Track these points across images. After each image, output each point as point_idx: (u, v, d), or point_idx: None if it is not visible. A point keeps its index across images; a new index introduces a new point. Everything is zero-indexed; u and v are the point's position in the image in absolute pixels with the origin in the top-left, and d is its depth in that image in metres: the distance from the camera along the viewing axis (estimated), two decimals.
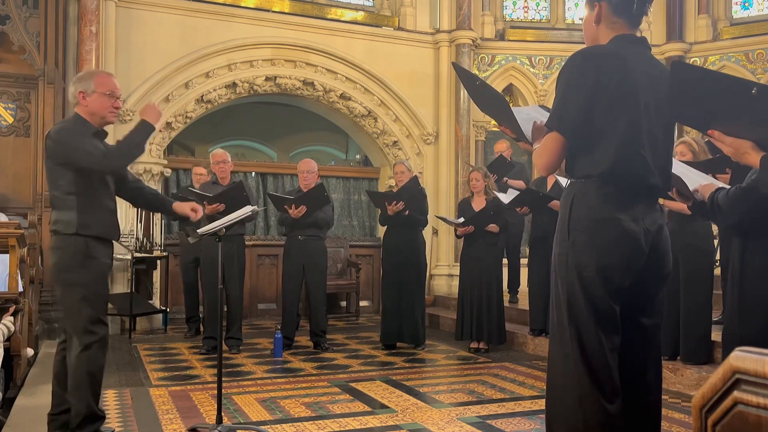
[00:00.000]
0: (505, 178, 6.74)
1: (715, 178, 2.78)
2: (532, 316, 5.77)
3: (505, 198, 5.58)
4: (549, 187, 5.62)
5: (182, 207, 3.42)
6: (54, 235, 3.12)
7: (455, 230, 6.04)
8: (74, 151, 3.04)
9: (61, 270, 3.08)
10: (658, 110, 2.05)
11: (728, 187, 2.39)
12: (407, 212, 5.76)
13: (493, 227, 5.68)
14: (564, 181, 4.37)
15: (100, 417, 3.11)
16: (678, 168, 2.26)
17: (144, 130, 3.18)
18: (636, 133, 2.02)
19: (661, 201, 2.20)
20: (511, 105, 2.40)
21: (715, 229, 4.66)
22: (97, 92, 3.12)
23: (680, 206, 3.91)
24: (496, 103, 2.38)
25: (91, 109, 3.13)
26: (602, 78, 2.00)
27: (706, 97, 1.81)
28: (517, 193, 5.63)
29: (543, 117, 2.30)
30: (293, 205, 5.63)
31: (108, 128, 6.18)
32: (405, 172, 5.94)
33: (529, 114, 2.33)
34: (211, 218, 4.98)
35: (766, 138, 1.85)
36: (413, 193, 5.76)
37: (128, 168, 3.41)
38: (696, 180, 2.50)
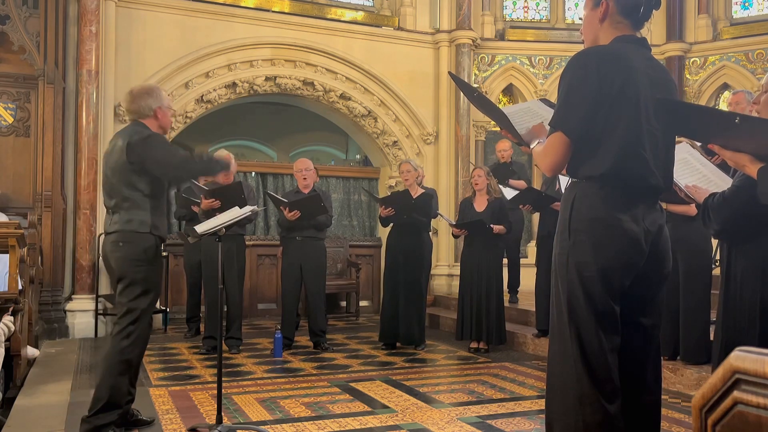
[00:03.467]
0: (508, 180, 6.75)
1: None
2: (539, 316, 5.69)
3: (509, 194, 5.57)
4: (557, 186, 5.60)
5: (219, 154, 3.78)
6: (121, 232, 3.28)
7: (453, 230, 6.05)
8: (164, 150, 3.28)
9: (130, 263, 3.25)
10: (657, 111, 2.05)
11: (722, 181, 2.42)
12: (405, 216, 5.80)
13: (500, 229, 5.68)
14: (564, 182, 4.36)
15: (118, 407, 3.19)
16: (682, 154, 2.28)
17: (217, 165, 3.55)
18: (637, 134, 2.02)
19: (663, 205, 2.21)
20: (511, 104, 2.41)
21: None
22: (168, 108, 3.47)
23: (683, 209, 3.92)
24: (494, 113, 2.38)
25: (162, 122, 3.43)
26: (605, 79, 1.99)
27: (695, 125, 1.94)
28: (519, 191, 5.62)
29: (543, 111, 2.29)
30: (287, 208, 5.63)
31: (107, 129, 6.35)
32: (411, 171, 5.94)
33: (530, 108, 2.32)
34: (208, 216, 5.00)
35: (760, 152, 1.94)
36: (406, 201, 5.77)
37: None
38: (697, 169, 2.52)
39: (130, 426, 3.38)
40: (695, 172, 2.57)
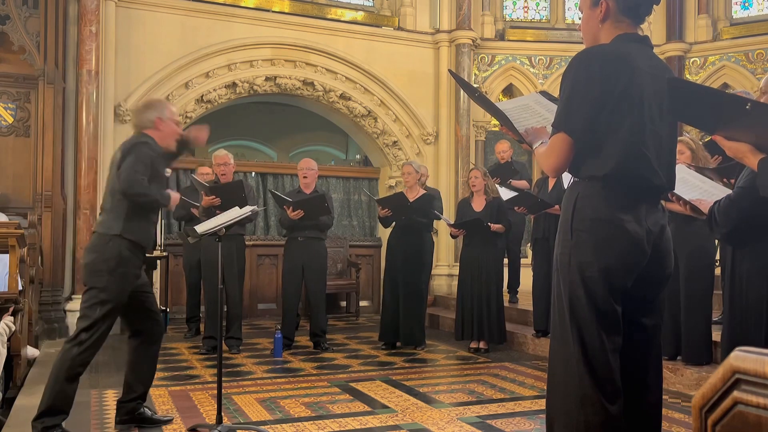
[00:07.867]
0: (509, 181, 6.75)
1: (729, 182, 2.80)
2: (536, 317, 5.73)
3: (504, 194, 5.57)
4: (551, 187, 5.61)
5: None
6: (94, 235, 3.35)
7: (450, 230, 6.05)
8: (132, 163, 3.24)
9: (92, 271, 3.26)
10: (661, 110, 2.04)
11: (724, 195, 2.42)
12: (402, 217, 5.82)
13: (498, 227, 5.68)
14: (566, 181, 4.35)
15: (63, 412, 3.17)
16: (680, 174, 2.27)
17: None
18: (640, 134, 2.01)
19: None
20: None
21: None
22: (171, 119, 3.48)
23: (680, 208, 3.92)
24: (494, 111, 2.38)
25: (164, 134, 3.45)
26: (609, 79, 1.98)
27: (704, 109, 1.89)
28: (515, 193, 5.62)
29: (541, 107, 2.29)
30: (291, 207, 5.63)
31: (107, 129, 6.26)
32: (411, 173, 5.94)
33: (528, 105, 2.32)
34: (208, 213, 5.01)
35: (761, 142, 1.92)
36: (401, 203, 5.78)
37: None
38: (697, 186, 2.51)
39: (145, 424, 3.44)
40: (695, 188, 2.57)
